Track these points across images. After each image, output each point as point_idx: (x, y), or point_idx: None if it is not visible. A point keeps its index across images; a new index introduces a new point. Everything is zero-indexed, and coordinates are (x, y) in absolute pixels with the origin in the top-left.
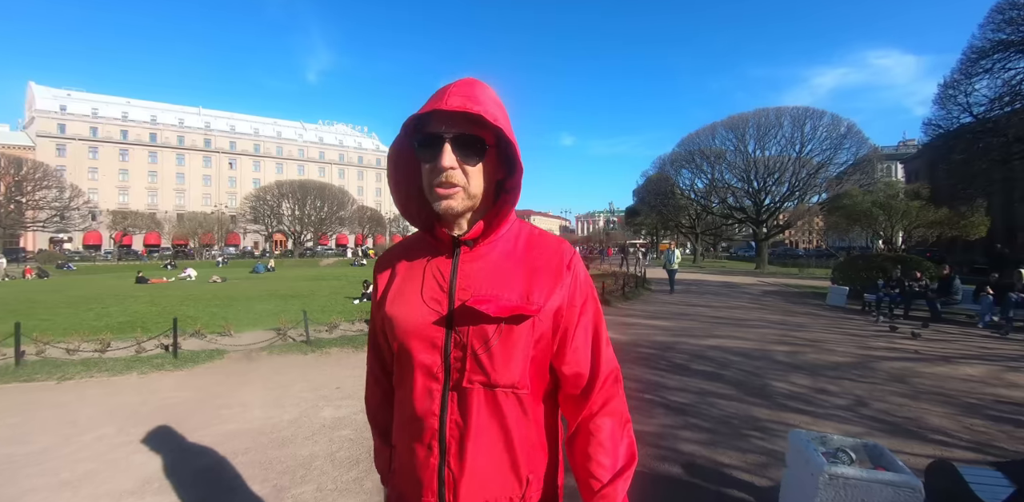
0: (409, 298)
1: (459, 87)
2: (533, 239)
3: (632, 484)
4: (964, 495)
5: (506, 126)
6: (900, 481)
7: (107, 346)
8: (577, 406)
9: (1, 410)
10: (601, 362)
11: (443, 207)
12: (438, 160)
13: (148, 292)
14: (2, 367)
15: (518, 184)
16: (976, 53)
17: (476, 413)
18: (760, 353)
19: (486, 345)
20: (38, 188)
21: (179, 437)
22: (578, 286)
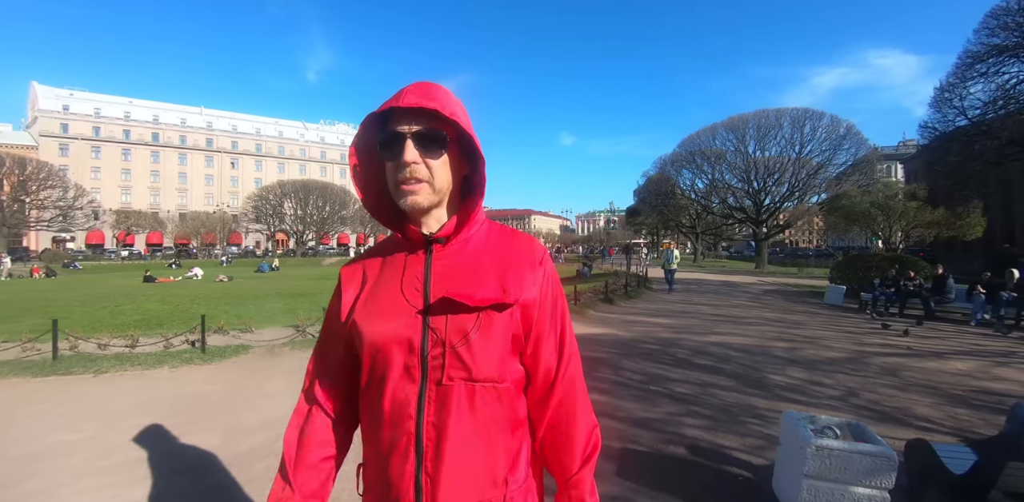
0: (383, 301)
1: (415, 87)
2: (504, 236)
3: (601, 467)
4: (936, 468)
5: (464, 120)
6: (877, 452)
7: (136, 342)
8: (544, 399)
9: (47, 401)
10: (567, 356)
11: (409, 203)
12: (400, 156)
13: (157, 291)
14: (41, 362)
15: (482, 177)
16: (971, 58)
17: (455, 410)
18: (759, 349)
19: (465, 338)
20: (42, 188)
21: (220, 424)
22: (549, 282)
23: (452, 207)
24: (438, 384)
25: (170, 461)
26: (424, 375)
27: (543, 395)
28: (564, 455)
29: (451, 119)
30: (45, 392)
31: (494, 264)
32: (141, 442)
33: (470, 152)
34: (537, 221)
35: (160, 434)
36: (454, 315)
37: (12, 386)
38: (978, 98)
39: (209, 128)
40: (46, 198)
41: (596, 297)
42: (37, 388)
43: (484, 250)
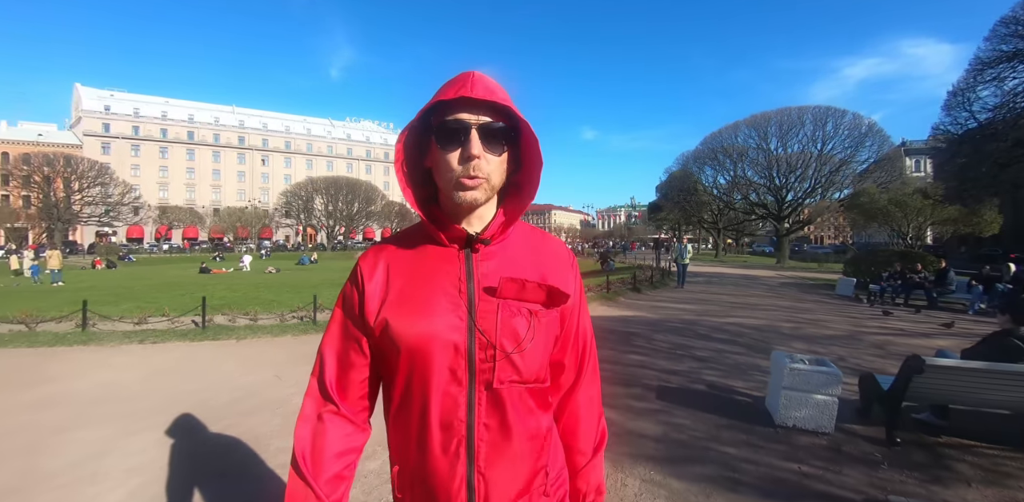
0: (420, 300)
1: (480, 77)
2: (536, 237)
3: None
4: (874, 387)
5: (527, 121)
6: (829, 371)
7: (256, 318)
8: (568, 393)
9: (213, 358)
10: (589, 352)
11: (468, 198)
12: (466, 148)
13: (218, 281)
14: (196, 330)
15: (535, 178)
16: (982, 63)
17: (509, 412)
18: (769, 328)
19: (519, 344)
20: (92, 185)
21: None
22: (579, 284)
23: (491, 205)
24: (488, 387)
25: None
26: (472, 377)
27: (567, 390)
28: (581, 442)
29: (519, 117)
30: (209, 351)
31: (534, 265)
32: (286, 396)
33: (517, 151)
34: (557, 216)
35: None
36: (506, 318)
37: (180, 347)
38: (988, 102)
39: (241, 126)
40: (97, 195)
41: (625, 286)
42: (200, 348)
43: (522, 251)
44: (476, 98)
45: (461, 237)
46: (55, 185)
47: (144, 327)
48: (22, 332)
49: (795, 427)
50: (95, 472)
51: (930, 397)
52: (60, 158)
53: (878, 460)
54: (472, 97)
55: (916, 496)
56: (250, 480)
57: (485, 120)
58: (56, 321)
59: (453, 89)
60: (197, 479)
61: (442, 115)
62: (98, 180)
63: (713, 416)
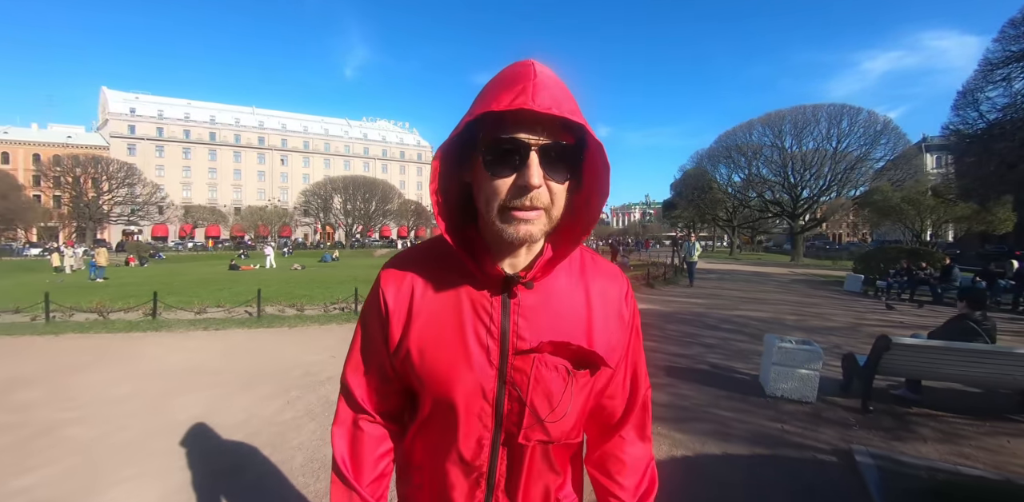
0: (448, 341)
1: (542, 78)
2: (587, 268)
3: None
4: (853, 364)
5: (602, 144)
6: (811, 348)
7: (303, 308)
8: (608, 430)
9: (272, 342)
10: (639, 388)
11: (522, 234)
12: (523, 175)
13: (249, 277)
14: (251, 319)
15: (596, 208)
16: (991, 64)
17: (531, 468)
18: (774, 320)
19: (551, 402)
20: (121, 185)
21: None
22: (634, 319)
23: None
24: (512, 442)
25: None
26: (497, 426)
27: (604, 433)
28: (620, 489)
29: (592, 136)
30: (266, 336)
31: (584, 310)
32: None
33: (580, 180)
34: None
35: None
36: (541, 375)
37: (240, 333)
38: (997, 102)
39: (261, 127)
40: (126, 194)
41: (639, 282)
42: (258, 334)
43: (572, 290)
44: (539, 111)
45: (499, 277)
46: (85, 186)
47: (204, 316)
48: (98, 320)
49: (783, 397)
50: (212, 425)
51: (899, 371)
52: (90, 159)
53: (851, 423)
54: (534, 110)
55: (877, 448)
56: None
57: (548, 139)
58: (124, 311)
59: (508, 95)
60: (294, 427)
61: (492, 127)
62: (126, 181)
63: (713, 389)
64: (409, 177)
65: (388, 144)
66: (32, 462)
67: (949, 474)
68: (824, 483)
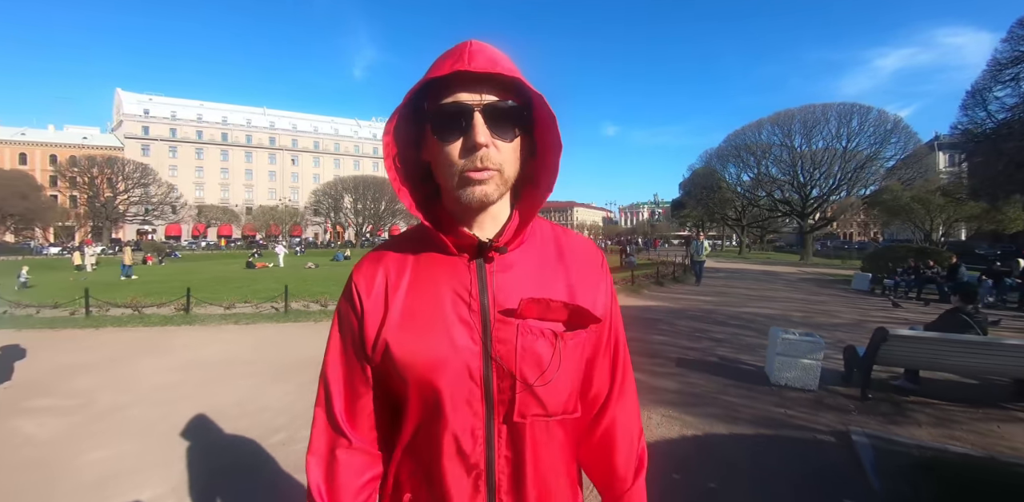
0: (425, 321)
1: (479, 46)
2: (561, 239)
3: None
4: (853, 355)
5: (542, 95)
6: (813, 339)
7: (327, 304)
8: (596, 418)
9: (301, 335)
10: (620, 369)
11: (478, 195)
12: (469, 136)
13: (266, 275)
14: (278, 314)
15: (553, 166)
16: (999, 64)
17: (531, 446)
18: (781, 317)
19: (543, 374)
20: (136, 185)
21: None
22: (610, 289)
23: (505, 204)
24: (509, 421)
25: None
26: (489, 409)
27: (595, 414)
28: (619, 466)
29: (532, 91)
30: (294, 330)
31: (561, 274)
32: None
33: (532, 137)
34: (580, 213)
35: None
36: (527, 343)
37: (269, 327)
38: (1005, 102)
39: (272, 127)
40: (142, 194)
41: (649, 280)
42: (286, 328)
43: (545, 255)
44: (476, 72)
45: (472, 245)
46: (101, 186)
47: (233, 311)
48: (134, 315)
49: (786, 385)
50: (260, 407)
51: (896, 362)
52: (106, 160)
53: (850, 409)
54: (470, 70)
55: (875, 433)
56: None
57: (490, 99)
58: (157, 306)
59: (447, 63)
60: None
61: (437, 98)
62: (142, 181)
63: (721, 378)
64: None
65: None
66: (102, 438)
67: (937, 452)
68: (822, 459)
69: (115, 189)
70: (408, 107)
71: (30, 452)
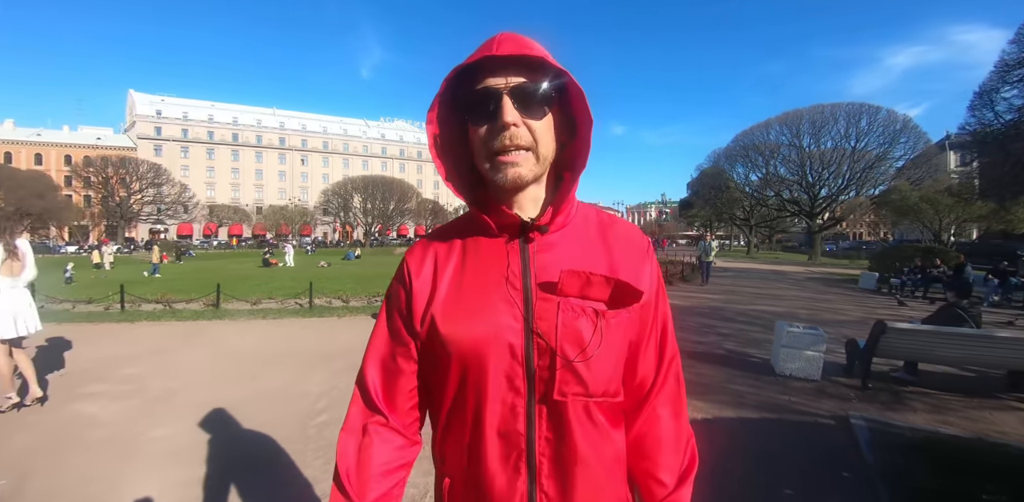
0: (471, 299)
1: (508, 36)
2: (605, 222)
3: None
4: (854, 347)
5: (564, 70)
6: (816, 332)
7: (348, 300)
8: (638, 409)
9: (328, 329)
10: (667, 358)
11: (511, 177)
12: (497, 117)
13: (282, 273)
14: (303, 310)
15: (586, 143)
16: (1007, 65)
17: (572, 427)
18: (787, 314)
19: (583, 351)
20: (150, 185)
21: None
22: (657, 276)
23: (548, 184)
24: (548, 400)
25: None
26: (531, 387)
27: (636, 403)
28: (661, 466)
29: (558, 69)
30: (321, 324)
31: (603, 254)
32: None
33: (569, 114)
34: None
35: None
36: (567, 320)
37: (296, 322)
38: (1013, 103)
39: (282, 128)
40: (156, 194)
41: None
42: (312, 322)
43: (588, 236)
44: (503, 55)
45: (514, 224)
46: (116, 186)
47: (260, 307)
48: (166, 310)
49: (791, 376)
50: (301, 393)
51: (895, 354)
52: (120, 160)
53: (851, 397)
54: (497, 55)
55: (873, 417)
56: None
57: (517, 80)
58: (186, 302)
59: (478, 52)
60: None
61: (471, 85)
62: (155, 181)
63: (729, 369)
64: (426, 176)
65: (405, 144)
66: (160, 419)
67: (929, 434)
68: (822, 440)
69: (129, 189)
70: (449, 99)
71: (98, 431)
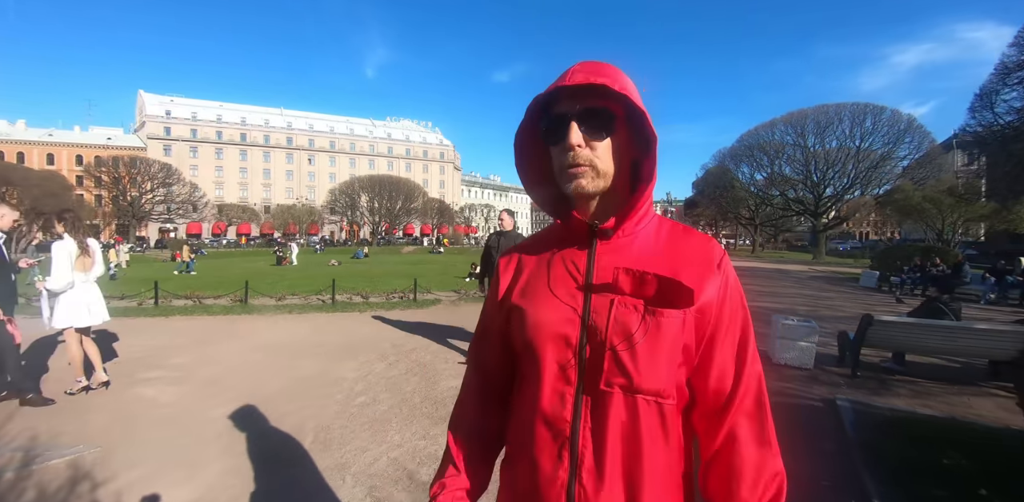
0: (539, 293)
1: (583, 65)
2: (678, 234)
3: None
4: (845, 339)
5: (635, 96)
6: (808, 324)
7: (367, 296)
8: (713, 425)
9: (351, 323)
10: (745, 379)
11: (574, 187)
12: (564, 138)
13: (296, 272)
14: (326, 305)
15: (653, 161)
16: (1007, 68)
17: (614, 421)
18: (787, 310)
19: (629, 341)
20: (161, 185)
21: (456, 331)
22: (728, 289)
23: (622, 196)
24: (595, 390)
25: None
26: (581, 376)
27: (711, 420)
28: (739, 488)
29: (621, 93)
30: (344, 319)
31: (665, 262)
32: (428, 344)
33: (641, 133)
34: None
35: (436, 334)
36: (617, 313)
37: (321, 316)
38: (1012, 105)
39: (289, 128)
40: (167, 194)
41: None
42: (336, 317)
43: (654, 246)
44: (572, 85)
45: (584, 229)
46: (128, 186)
47: (284, 302)
48: (196, 306)
49: (786, 364)
50: (336, 378)
51: (883, 344)
52: (131, 160)
53: (840, 384)
54: (568, 85)
55: (858, 400)
56: (437, 382)
57: (582, 106)
58: (214, 298)
59: (555, 82)
60: (403, 379)
61: (548, 111)
62: (166, 180)
63: None
64: (432, 176)
65: (411, 143)
66: (215, 400)
67: (907, 414)
68: (810, 419)
69: (141, 188)
70: (533, 122)
71: (162, 410)
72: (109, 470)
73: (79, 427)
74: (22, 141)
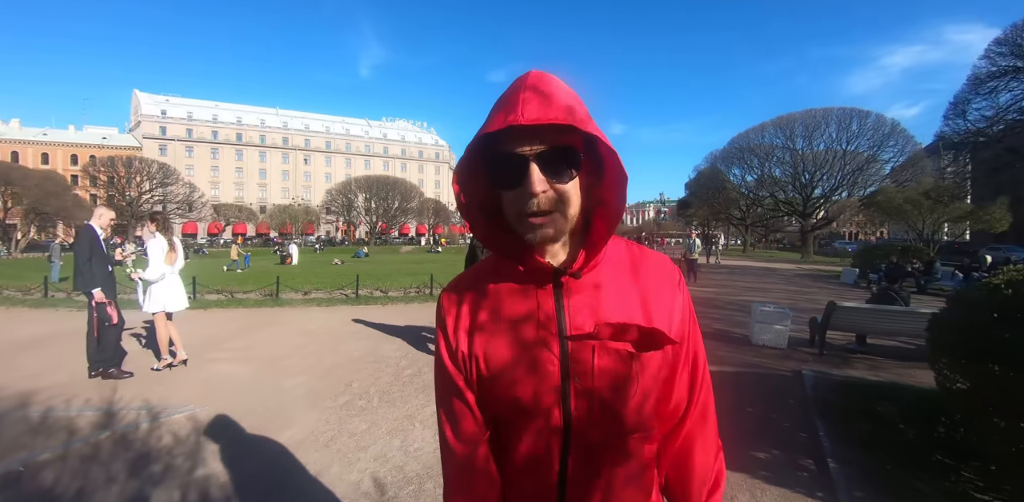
0: (506, 347)
1: (530, 91)
2: (636, 258)
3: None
4: (815, 323)
5: (595, 128)
6: (782, 309)
7: (387, 291)
8: (672, 433)
9: (378, 315)
10: (700, 390)
11: (539, 238)
12: (525, 185)
13: (303, 270)
14: (350, 299)
15: (620, 195)
16: (978, 79)
17: (605, 464)
18: (770, 303)
19: (622, 396)
20: (159, 184)
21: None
22: (687, 308)
23: (577, 227)
24: (585, 440)
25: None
26: (567, 427)
27: (671, 429)
28: (693, 485)
29: (587, 132)
30: (370, 311)
31: (635, 293)
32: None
33: (595, 158)
34: None
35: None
36: (603, 363)
37: (347, 309)
38: (983, 114)
39: (285, 128)
40: (164, 194)
41: None
42: (361, 309)
43: (619, 274)
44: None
45: (547, 272)
46: (126, 185)
47: (311, 296)
48: (230, 299)
49: (763, 345)
50: (382, 356)
51: (846, 327)
52: (130, 160)
53: (808, 360)
54: (522, 124)
55: (820, 370)
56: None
57: (543, 146)
58: (244, 293)
59: (502, 115)
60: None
61: (496, 145)
62: (164, 180)
63: (716, 341)
64: (428, 176)
65: (407, 143)
66: (285, 373)
67: (857, 379)
68: (778, 384)
69: (139, 188)
70: (475, 149)
71: (242, 382)
72: (222, 422)
73: (179, 394)
74: (16, 140)
